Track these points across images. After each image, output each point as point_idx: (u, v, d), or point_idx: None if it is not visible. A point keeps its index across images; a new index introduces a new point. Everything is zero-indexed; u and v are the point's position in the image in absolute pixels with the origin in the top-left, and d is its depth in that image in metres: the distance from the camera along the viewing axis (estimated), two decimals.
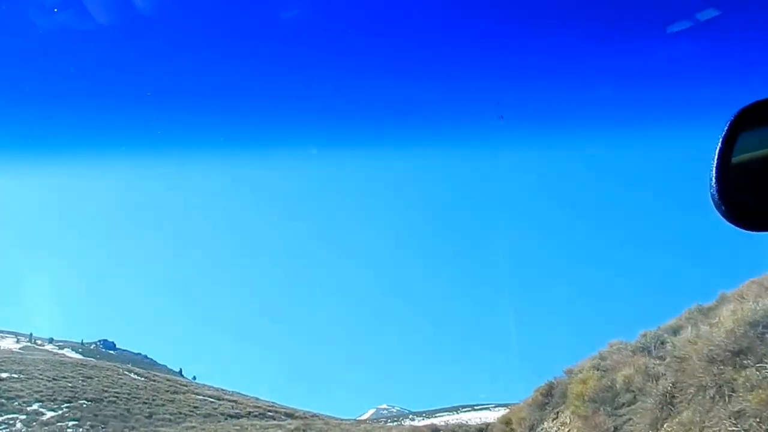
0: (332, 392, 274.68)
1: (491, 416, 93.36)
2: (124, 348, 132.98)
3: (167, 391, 71.53)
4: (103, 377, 70.80)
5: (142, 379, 75.58)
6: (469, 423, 62.68)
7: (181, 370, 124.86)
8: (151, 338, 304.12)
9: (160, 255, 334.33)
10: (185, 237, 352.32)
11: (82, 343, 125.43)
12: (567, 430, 18.22)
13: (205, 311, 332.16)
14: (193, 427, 57.23)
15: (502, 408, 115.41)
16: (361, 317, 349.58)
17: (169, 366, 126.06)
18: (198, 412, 65.00)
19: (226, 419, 63.97)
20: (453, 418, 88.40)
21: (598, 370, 19.43)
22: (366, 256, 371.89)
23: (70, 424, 54.81)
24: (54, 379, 66.51)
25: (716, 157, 2.55)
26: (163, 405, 64.71)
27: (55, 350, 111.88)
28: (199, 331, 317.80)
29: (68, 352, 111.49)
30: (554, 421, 21.82)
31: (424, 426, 56.05)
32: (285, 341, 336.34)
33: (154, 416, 60.35)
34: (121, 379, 72.19)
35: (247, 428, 57.66)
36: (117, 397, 63.85)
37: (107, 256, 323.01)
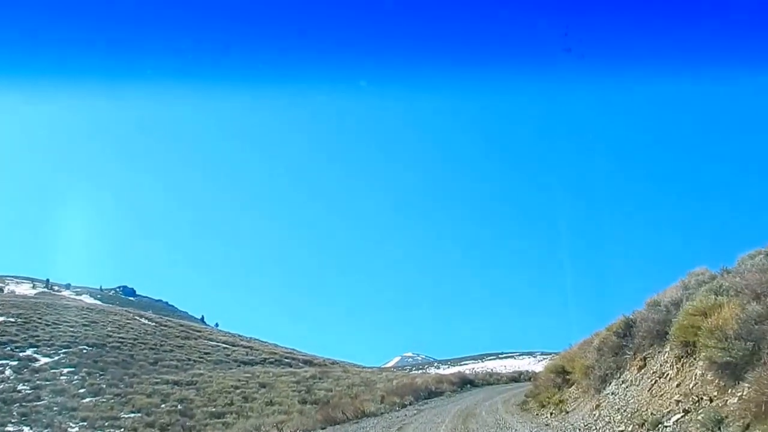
0: (359, 341, 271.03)
1: (519, 364, 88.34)
2: (145, 294, 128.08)
3: (177, 336, 66.12)
4: (109, 322, 65.40)
5: (153, 324, 69.95)
6: (500, 371, 56.69)
7: (203, 317, 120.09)
8: (174, 286, 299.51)
9: (187, 199, 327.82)
10: (212, 181, 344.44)
11: (100, 289, 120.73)
12: (692, 385, 11.30)
13: (234, 260, 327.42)
14: (201, 374, 51.68)
15: (527, 356, 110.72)
16: (390, 265, 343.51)
17: (190, 313, 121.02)
18: (209, 358, 59.75)
19: (238, 366, 58.68)
20: (479, 366, 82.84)
21: (721, 294, 12.38)
22: (396, 201, 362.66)
23: (65, 371, 49.02)
24: (54, 323, 61.60)
25: None
26: (171, 351, 59.32)
27: (72, 296, 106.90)
28: (226, 280, 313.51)
29: (86, 298, 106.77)
30: (642, 371, 14.85)
31: (451, 374, 49.55)
32: (312, 290, 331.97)
33: (159, 363, 54.79)
34: (128, 324, 66.77)
35: (258, 375, 51.99)
36: (121, 342, 58.57)
37: (132, 200, 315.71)
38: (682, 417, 10.65)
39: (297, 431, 21.12)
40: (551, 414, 19.50)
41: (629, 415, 13.24)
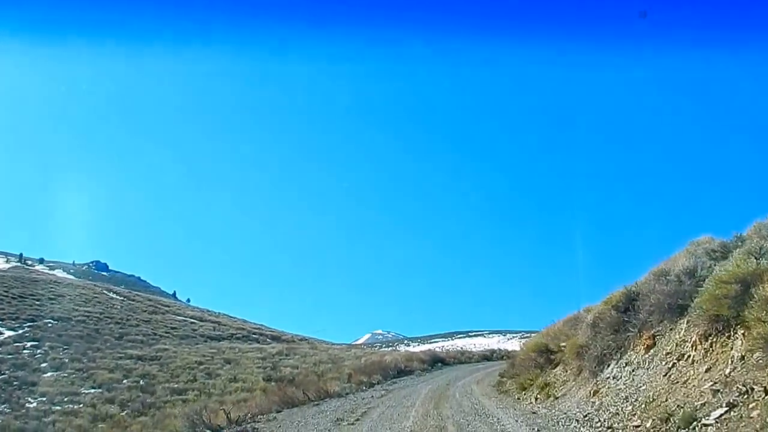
0: (330, 318, 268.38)
1: (489, 342, 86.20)
2: (117, 270, 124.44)
3: (145, 311, 63.02)
4: (77, 296, 62.15)
5: (120, 298, 66.78)
6: (471, 350, 54.20)
7: (175, 292, 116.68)
8: (148, 262, 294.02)
9: (160, 175, 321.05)
10: (184, 159, 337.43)
11: (73, 264, 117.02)
12: (728, 370, 8.52)
13: (211, 239, 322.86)
14: (166, 349, 48.80)
15: (496, 334, 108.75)
16: (363, 244, 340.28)
17: (163, 288, 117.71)
18: (175, 333, 56.83)
19: (205, 341, 55.80)
20: (448, 344, 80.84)
21: (763, 258, 9.69)
22: (371, 179, 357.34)
23: (28, 344, 46.13)
24: (20, 297, 58.35)
25: None
26: (137, 326, 56.46)
27: (46, 270, 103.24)
28: (204, 258, 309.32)
29: (59, 273, 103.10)
30: (651, 352, 12.15)
31: (421, 351, 46.92)
32: (287, 268, 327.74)
33: (124, 337, 51.88)
34: (96, 298, 63.62)
35: (224, 351, 49.09)
36: (87, 316, 55.61)
37: (106, 174, 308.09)
38: (726, 412, 7.89)
39: (248, 415, 18.30)
40: (536, 399, 16.78)
41: (643, 406, 10.51)
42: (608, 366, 13.73)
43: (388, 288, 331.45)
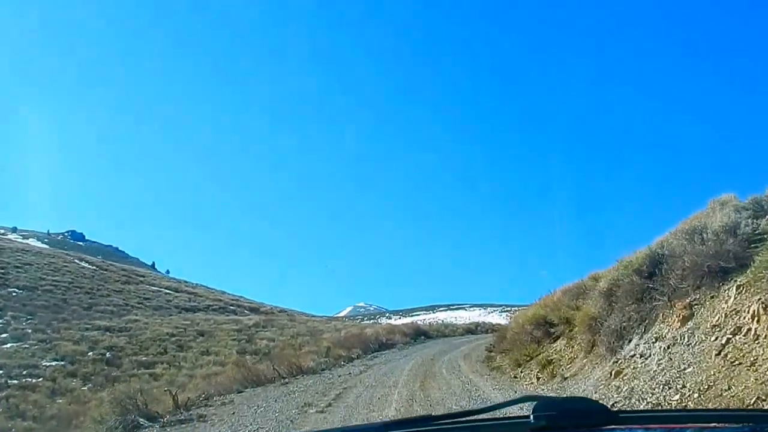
0: (312, 290, 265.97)
1: (470, 316, 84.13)
2: (94, 240, 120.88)
3: (117, 281, 60.01)
4: (45, 264, 58.86)
5: (92, 267, 63.70)
6: (455, 323, 51.90)
7: (153, 263, 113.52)
8: (129, 233, 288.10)
9: (138, 143, 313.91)
10: (166, 125, 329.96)
11: (48, 234, 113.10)
12: None
13: (195, 210, 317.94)
14: (137, 320, 46.02)
15: (477, 308, 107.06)
16: (345, 217, 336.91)
17: (141, 259, 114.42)
18: (148, 304, 54.01)
19: (179, 312, 53.09)
20: (430, 317, 78.67)
21: None
22: (354, 151, 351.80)
23: None
24: None
25: None
26: (108, 296, 53.44)
27: (18, 239, 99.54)
28: (182, 229, 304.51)
29: (33, 242, 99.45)
30: (690, 324, 9.66)
31: (403, 324, 44.53)
32: (268, 240, 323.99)
33: (93, 308, 48.96)
34: (65, 267, 60.37)
35: (198, 322, 46.45)
36: (55, 286, 52.34)
37: (84, 140, 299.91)
38: None
39: (202, 396, 15.73)
40: (538, 378, 14.26)
41: (696, 395, 7.94)
42: (630, 341, 11.20)
43: (371, 261, 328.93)
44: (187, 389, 22.93)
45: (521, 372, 15.94)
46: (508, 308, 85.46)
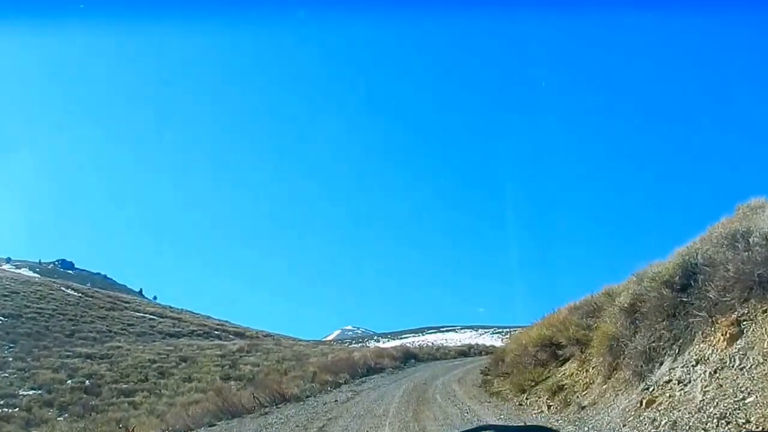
0: (299, 314, 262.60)
1: (461, 338, 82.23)
2: (83, 268, 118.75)
3: (102, 307, 57.96)
4: (31, 293, 56.94)
5: (77, 295, 61.64)
6: (447, 345, 50.05)
7: (141, 290, 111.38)
8: (116, 260, 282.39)
9: (127, 171, 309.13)
10: (152, 151, 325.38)
11: (39, 263, 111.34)
12: None
13: (174, 235, 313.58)
14: (119, 346, 44.12)
15: (468, 330, 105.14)
16: (331, 239, 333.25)
17: (128, 286, 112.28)
18: (131, 330, 52.07)
19: (163, 338, 51.13)
20: (419, 340, 76.77)
21: None
22: (333, 169, 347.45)
23: None
24: None
25: None
26: (92, 322, 51.57)
27: (12, 269, 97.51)
28: (168, 254, 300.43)
29: (25, 272, 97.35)
30: (739, 343, 7.90)
31: (392, 347, 42.55)
32: (253, 262, 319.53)
33: (76, 335, 47.17)
34: (51, 294, 58.39)
35: (181, 348, 44.43)
36: (39, 313, 50.57)
37: (73, 170, 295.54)
38: None
39: (167, 431, 13.82)
40: (549, 407, 12.39)
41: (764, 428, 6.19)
42: (661, 364, 9.37)
43: (358, 284, 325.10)
44: (149, 425, 20.93)
45: (527, 399, 14.07)
46: (500, 330, 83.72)
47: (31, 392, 33.67)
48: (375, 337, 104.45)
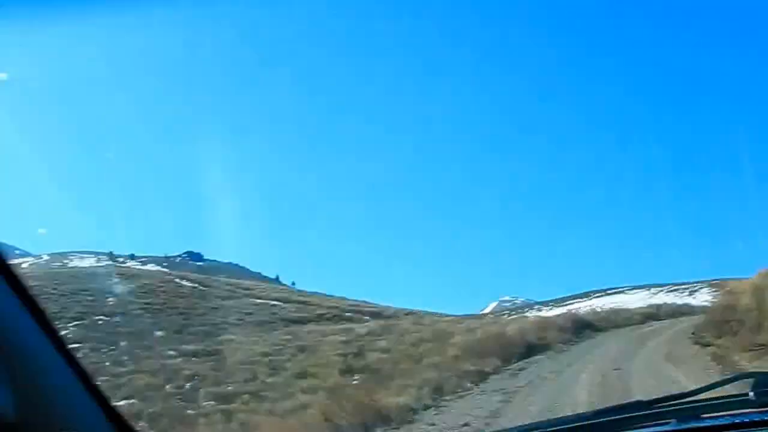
0: (453, 289, 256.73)
1: (630, 299, 73.81)
2: (212, 258, 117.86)
3: (218, 297, 54.21)
4: (138, 287, 53.80)
5: (192, 285, 58.48)
6: (623, 307, 42.45)
7: (277, 276, 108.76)
8: (248, 247, 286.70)
9: (248, 157, 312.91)
10: (266, 131, 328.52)
11: (166, 257, 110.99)
12: None
13: (308, 217, 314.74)
14: (231, 339, 39.65)
15: (639, 290, 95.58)
16: (480, 205, 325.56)
17: (263, 273, 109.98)
18: (249, 319, 47.84)
19: (286, 325, 46.55)
20: (586, 305, 68.95)
21: None
22: (480, 131, 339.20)
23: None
24: (72, 293, 50.30)
25: None
26: (204, 315, 47.47)
27: (137, 266, 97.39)
28: (303, 237, 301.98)
29: (152, 267, 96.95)
30: None
31: (556, 316, 35.50)
32: (396, 239, 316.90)
33: (185, 330, 43.09)
34: (160, 287, 55.26)
35: (301, 336, 39.64)
36: (145, 309, 46.83)
37: (195, 161, 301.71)
38: None
39: None
40: None
41: None
42: None
43: (511, 250, 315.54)
44: None
45: None
46: (676, 287, 75.14)
47: (123, 402, 29.14)
48: (536, 306, 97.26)
